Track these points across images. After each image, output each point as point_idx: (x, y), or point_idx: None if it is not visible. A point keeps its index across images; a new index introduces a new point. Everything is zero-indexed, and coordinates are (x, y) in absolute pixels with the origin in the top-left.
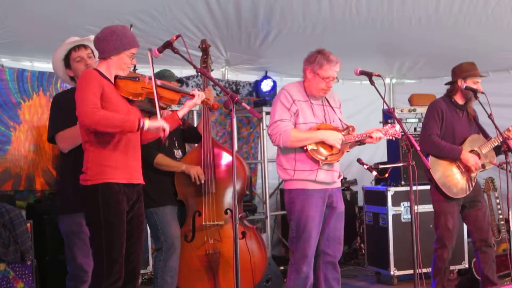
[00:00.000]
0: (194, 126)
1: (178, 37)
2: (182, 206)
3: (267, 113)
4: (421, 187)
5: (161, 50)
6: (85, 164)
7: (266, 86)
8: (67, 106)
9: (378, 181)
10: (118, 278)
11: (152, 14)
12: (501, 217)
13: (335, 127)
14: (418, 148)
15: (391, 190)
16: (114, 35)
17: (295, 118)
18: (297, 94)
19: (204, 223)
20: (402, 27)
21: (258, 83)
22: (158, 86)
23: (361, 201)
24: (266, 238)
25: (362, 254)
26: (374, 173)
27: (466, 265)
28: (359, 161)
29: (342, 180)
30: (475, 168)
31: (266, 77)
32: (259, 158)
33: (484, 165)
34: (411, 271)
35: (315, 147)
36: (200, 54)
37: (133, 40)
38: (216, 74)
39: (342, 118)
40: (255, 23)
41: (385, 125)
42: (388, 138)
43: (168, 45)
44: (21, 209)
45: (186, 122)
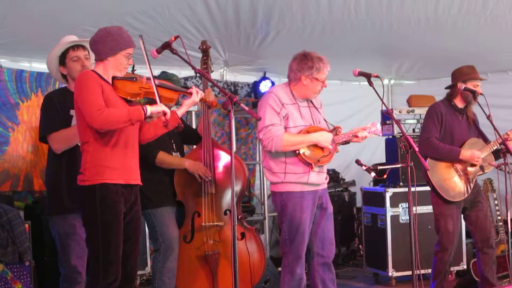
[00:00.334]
0: (192, 128)
1: (176, 38)
2: (181, 207)
3: None
4: (419, 188)
5: (159, 51)
6: (83, 164)
7: (264, 87)
8: (60, 106)
9: (376, 182)
10: (115, 279)
11: (150, 15)
12: (499, 218)
13: (323, 128)
14: (417, 149)
15: (390, 191)
16: (109, 36)
17: (285, 122)
18: (285, 97)
19: (203, 224)
20: (401, 28)
21: (256, 84)
22: (157, 85)
23: (359, 202)
24: (264, 239)
25: (360, 255)
26: (373, 174)
27: (465, 266)
28: (358, 162)
29: (340, 181)
30: (477, 161)
31: (264, 78)
32: (258, 159)
33: (483, 168)
34: (410, 272)
35: (307, 150)
36: (198, 54)
37: (129, 40)
38: (214, 75)
39: (325, 118)
40: (254, 24)
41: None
42: (371, 136)
43: (166, 46)
44: (19, 209)
45: (180, 126)
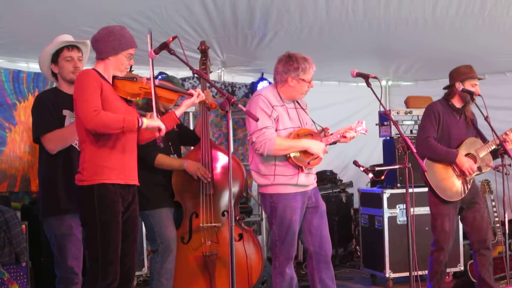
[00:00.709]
0: (190, 129)
1: (174, 38)
2: (179, 208)
3: None
4: (417, 189)
5: (157, 52)
6: (81, 164)
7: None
8: (52, 106)
9: (374, 183)
10: (114, 279)
11: (148, 15)
12: (496, 219)
13: (312, 130)
14: (414, 150)
15: (387, 193)
16: (112, 36)
17: (276, 124)
18: (273, 99)
19: (201, 225)
20: (399, 30)
21: (254, 85)
22: (156, 86)
23: (356, 203)
24: (261, 240)
25: (357, 256)
26: (370, 175)
27: (462, 267)
28: (355, 163)
29: (338, 182)
30: (469, 173)
31: (262, 78)
32: None
33: (480, 168)
34: (407, 274)
35: (298, 154)
36: (196, 55)
37: (131, 40)
38: (212, 75)
39: (312, 119)
40: (252, 25)
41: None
42: (358, 135)
43: (164, 46)
44: (16, 210)
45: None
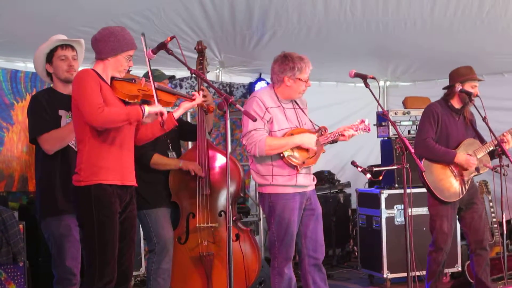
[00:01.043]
0: (190, 123)
1: (172, 38)
2: (176, 208)
3: None
4: (415, 190)
5: (155, 52)
6: (78, 164)
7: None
8: (48, 107)
9: (371, 183)
10: (111, 279)
11: (146, 16)
12: (494, 220)
13: (308, 130)
14: (412, 150)
15: (385, 193)
16: (112, 36)
17: (270, 126)
18: (269, 100)
19: (198, 225)
20: (397, 30)
21: (252, 85)
22: (155, 88)
23: (354, 203)
24: (259, 240)
25: (355, 257)
26: (368, 175)
27: (459, 268)
28: (353, 163)
29: (336, 182)
30: (470, 167)
31: (260, 79)
32: None
33: (478, 169)
34: (404, 274)
35: (291, 153)
36: (194, 55)
37: (131, 42)
38: (210, 75)
39: (311, 119)
40: (250, 25)
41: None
42: (360, 133)
43: (162, 46)
44: (13, 210)
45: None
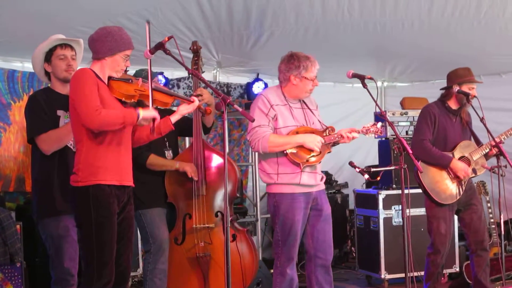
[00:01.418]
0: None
1: (170, 38)
2: (172, 209)
3: None
4: (412, 191)
5: (153, 52)
6: (76, 164)
7: (257, 88)
8: (46, 107)
9: (369, 184)
10: (109, 280)
11: (143, 16)
12: (492, 221)
13: (314, 129)
14: (410, 151)
15: (382, 194)
16: (110, 36)
17: (274, 123)
18: (275, 98)
19: (194, 226)
20: (395, 31)
21: (249, 86)
22: (152, 89)
23: (352, 204)
24: (256, 241)
25: (352, 258)
26: (366, 176)
27: (457, 268)
28: (351, 164)
29: (333, 183)
30: (464, 177)
31: (257, 79)
32: (250, 161)
33: (475, 170)
34: (402, 275)
35: (295, 150)
36: (191, 55)
37: (128, 42)
38: (207, 76)
39: (321, 120)
40: (247, 25)
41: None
42: (370, 135)
43: (160, 46)
44: (10, 210)
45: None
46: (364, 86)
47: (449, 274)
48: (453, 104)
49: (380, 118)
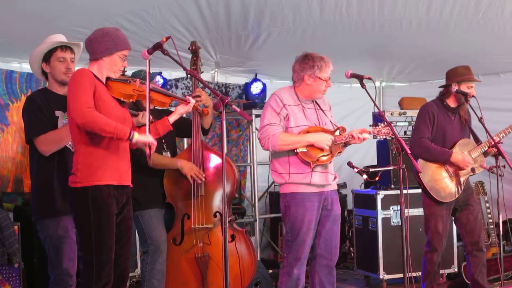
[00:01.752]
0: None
1: (168, 38)
2: (171, 209)
3: (257, 115)
4: (411, 191)
5: (151, 52)
6: (74, 165)
7: (255, 88)
8: (44, 107)
9: (367, 184)
10: (108, 281)
11: (141, 16)
12: (490, 221)
13: (326, 129)
14: (409, 151)
15: (381, 194)
16: (107, 36)
17: (286, 122)
18: (288, 98)
19: (193, 226)
20: (393, 31)
21: (247, 86)
22: (150, 89)
23: (350, 204)
24: (255, 241)
25: (351, 258)
26: (364, 176)
27: (456, 269)
28: (350, 164)
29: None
30: (466, 167)
31: (255, 79)
32: (249, 161)
33: (474, 169)
34: (401, 275)
35: (305, 149)
36: (190, 56)
37: (125, 42)
38: (205, 76)
39: (333, 121)
40: (245, 26)
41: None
42: (381, 137)
43: (158, 46)
44: (8, 211)
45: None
46: (362, 86)
47: (447, 275)
48: (451, 102)
49: (378, 118)
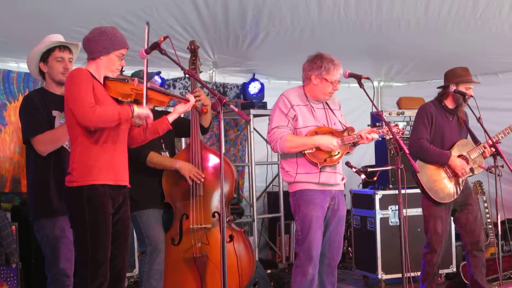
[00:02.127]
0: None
1: (165, 38)
2: (170, 209)
3: (255, 115)
4: (409, 191)
5: (148, 52)
6: (71, 164)
7: (253, 88)
8: (41, 107)
9: (365, 184)
10: (104, 281)
11: (139, 16)
12: (489, 221)
13: (334, 129)
14: (407, 151)
15: (379, 194)
16: (104, 35)
17: (294, 123)
18: (296, 99)
19: (191, 227)
20: (391, 31)
21: (245, 86)
22: (148, 88)
23: (348, 204)
24: (253, 241)
25: (349, 258)
26: (363, 176)
27: (454, 269)
28: (348, 164)
29: None
30: (462, 174)
31: (253, 79)
32: (247, 161)
33: (472, 169)
34: (399, 275)
35: (313, 151)
36: (187, 55)
37: (122, 41)
38: (203, 76)
39: (342, 120)
40: (243, 26)
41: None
42: (389, 136)
43: (155, 46)
44: (6, 211)
45: None
46: (360, 86)
47: (446, 275)
48: (450, 103)
49: (376, 118)
